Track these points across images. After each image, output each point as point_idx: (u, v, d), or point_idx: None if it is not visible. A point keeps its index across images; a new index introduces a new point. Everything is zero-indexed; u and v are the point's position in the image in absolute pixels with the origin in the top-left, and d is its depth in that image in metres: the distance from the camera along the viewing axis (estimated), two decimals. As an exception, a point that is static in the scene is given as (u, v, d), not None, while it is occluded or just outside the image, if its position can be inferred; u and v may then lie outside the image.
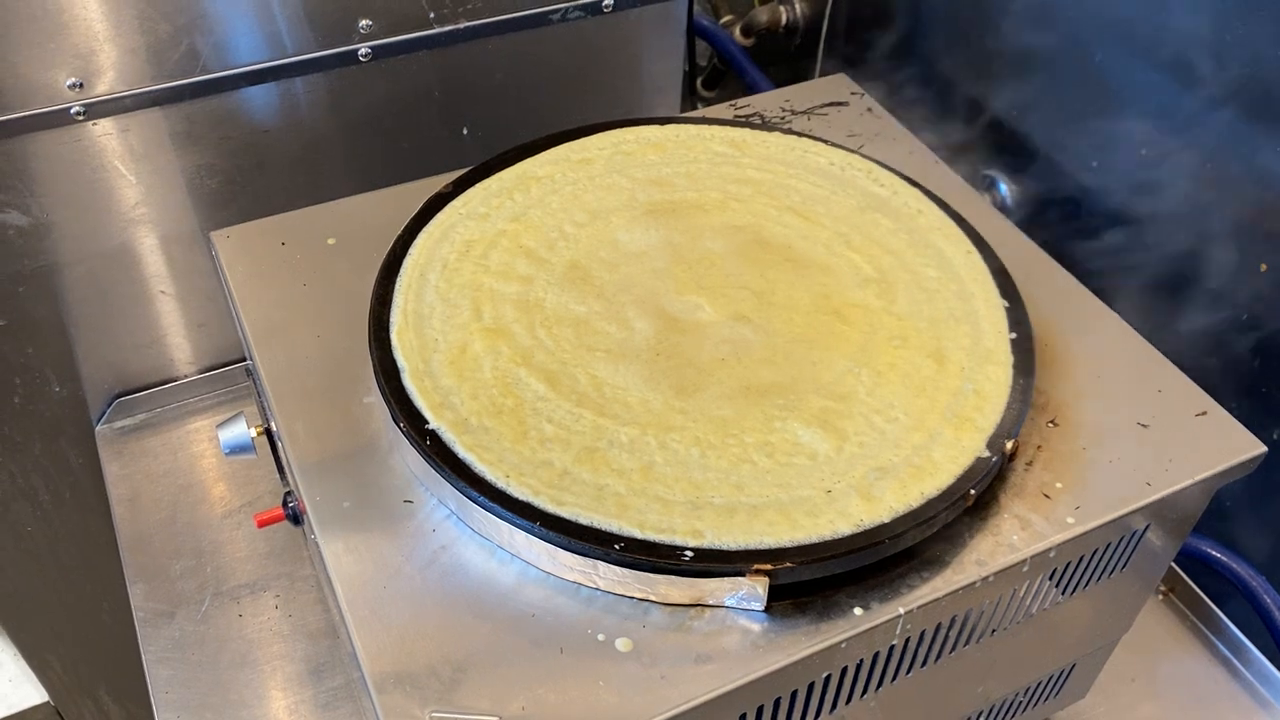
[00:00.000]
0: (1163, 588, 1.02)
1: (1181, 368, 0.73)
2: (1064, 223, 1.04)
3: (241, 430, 0.78)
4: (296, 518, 0.79)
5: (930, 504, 0.61)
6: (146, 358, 1.08)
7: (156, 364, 1.09)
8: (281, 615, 0.95)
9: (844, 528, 0.59)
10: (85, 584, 1.20)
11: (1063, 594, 0.71)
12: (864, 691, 0.65)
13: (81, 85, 0.88)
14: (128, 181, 0.96)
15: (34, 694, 1.29)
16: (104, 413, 1.09)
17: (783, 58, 1.39)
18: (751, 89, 1.31)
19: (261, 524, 0.80)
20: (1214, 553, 0.94)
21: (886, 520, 0.60)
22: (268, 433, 0.77)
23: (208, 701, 0.89)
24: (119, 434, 1.09)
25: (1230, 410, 0.71)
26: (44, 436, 1.08)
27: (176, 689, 0.89)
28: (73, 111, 0.89)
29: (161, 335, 1.08)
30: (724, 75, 1.45)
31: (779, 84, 1.01)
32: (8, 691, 1.30)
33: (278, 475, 0.88)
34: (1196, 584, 1.00)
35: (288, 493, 0.78)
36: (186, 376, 1.11)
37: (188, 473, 1.05)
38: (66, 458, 1.10)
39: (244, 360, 1.08)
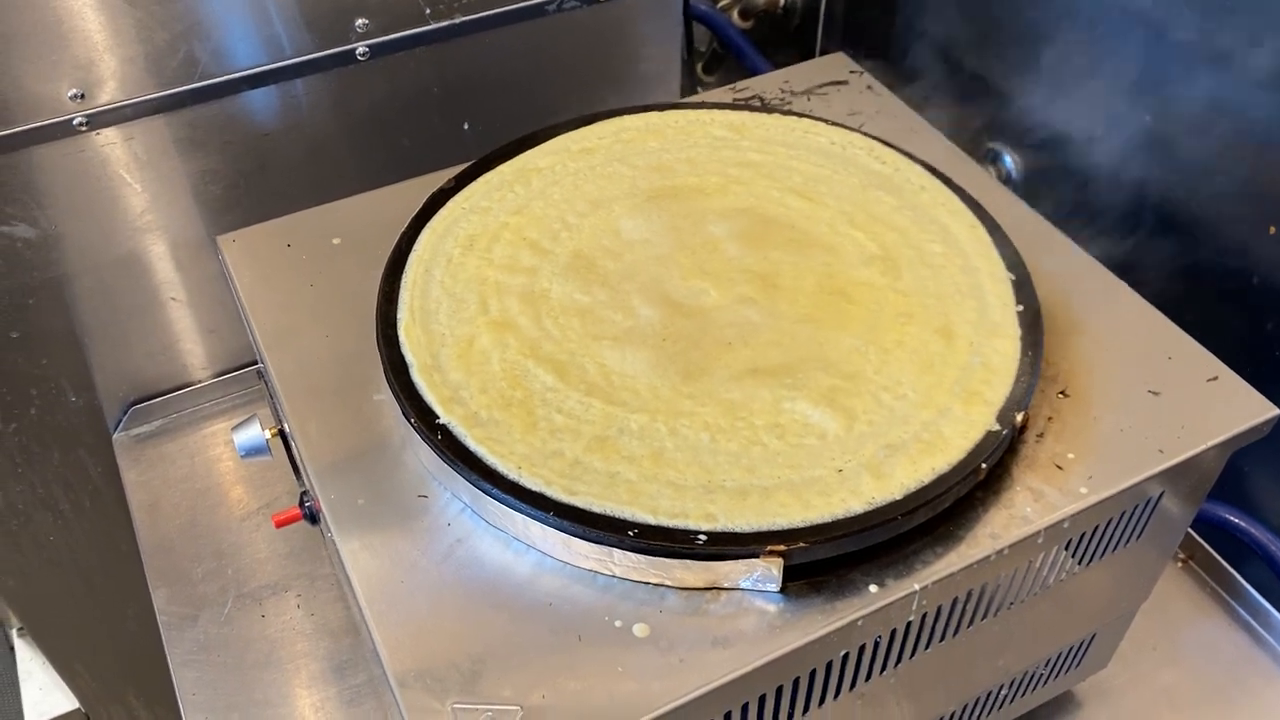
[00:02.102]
0: (1182, 555, 1.02)
1: (1193, 334, 0.73)
2: (1071, 193, 1.04)
3: (256, 432, 0.79)
4: (314, 517, 0.79)
5: (941, 479, 0.61)
6: (160, 364, 1.09)
7: (170, 370, 1.10)
8: (303, 614, 0.95)
9: (856, 506, 0.59)
10: (109, 591, 1.21)
11: (1079, 564, 0.70)
12: (883, 669, 0.65)
13: (83, 96, 0.89)
14: (133, 190, 0.97)
15: (64, 701, 1.31)
16: (120, 421, 1.10)
17: (782, 39, 1.38)
18: (752, 72, 1.31)
19: (279, 524, 0.80)
20: (1233, 518, 0.94)
21: (898, 497, 0.60)
22: (281, 434, 0.77)
23: (234, 702, 0.89)
24: (136, 441, 1.10)
25: (1244, 375, 0.70)
26: (62, 447, 1.09)
27: (203, 690, 0.90)
28: (75, 122, 0.89)
29: (174, 341, 1.09)
30: (724, 59, 1.45)
31: (780, 66, 1.01)
32: (39, 699, 1.32)
33: (294, 476, 0.88)
34: (1216, 549, 1.00)
35: (304, 492, 0.79)
36: (201, 381, 1.12)
37: (205, 477, 1.06)
38: (85, 467, 1.11)
39: (256, 363, 1.09)
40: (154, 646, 0.95)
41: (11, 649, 1.32)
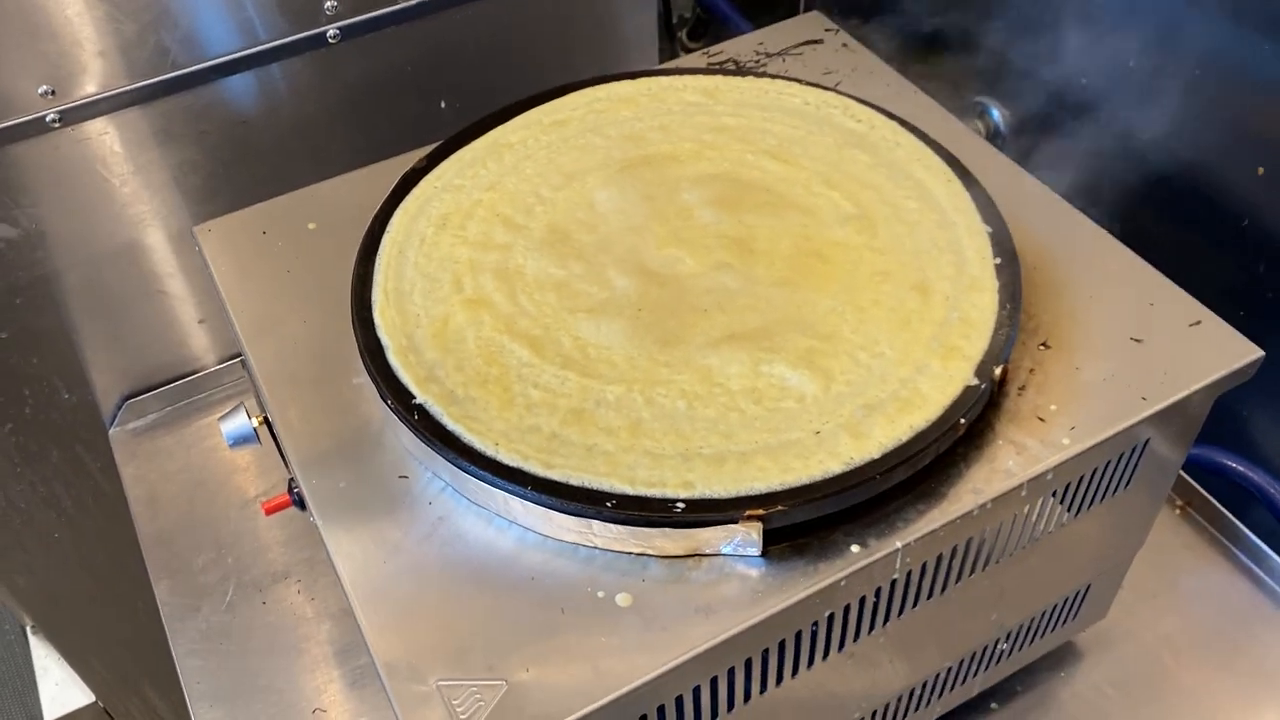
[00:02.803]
0: (1180, 501, 1.01)
1: (1182, 280, 0.72)
2: (1058, 143, 1.02)
3: (242, 421, 0.79)
4: (302, 502, 0.79)
5: (920, 436, 0.61)
6: (151, 357, 1.09)
7: (161, 363, 1.10)
8: (304, 599, 0.96)
9: (834, 467, 0.59)
10: (118, 584, 1.22)
11: (1069, 514, 0.70)
12: (870, 628, 0.65)
13: (54, 92, 0.88)
14: (113, 184, 0.97)
15: (81, 696, 1.32)
16: (115, 415, 1.10)
17: (766, 1, 1.37)
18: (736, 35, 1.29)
19: (269, 511, 0.81)
20: (1230, 463, 0.93)
21: (876, 456, 0.60)
22: (266, 421, 0.77)
23: (239, 689, 0.90)
24: (132, 435, 1.10)
25: (1236, 319, 0.69)
26: (59, 444, 1.09)
27: (207, 679, 0.91)
28: (48, 120, 0.89)
29: (163, 334, 1.09)
30: (709, 25, 1.43)
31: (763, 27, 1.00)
32: (55, 694, 1.33)
33: (282, 463, 0.88)
34: (1215, 496, 0.99)
35: (291, 479, 0.79)
36: (193, 373, 1.13)
37: (201, 468, 1.06)
38: (84, 463, 1.12)
39: (245, 352, 1.09)
40: (166, 638, 0.96)
41: (27, 645, 1.34)
